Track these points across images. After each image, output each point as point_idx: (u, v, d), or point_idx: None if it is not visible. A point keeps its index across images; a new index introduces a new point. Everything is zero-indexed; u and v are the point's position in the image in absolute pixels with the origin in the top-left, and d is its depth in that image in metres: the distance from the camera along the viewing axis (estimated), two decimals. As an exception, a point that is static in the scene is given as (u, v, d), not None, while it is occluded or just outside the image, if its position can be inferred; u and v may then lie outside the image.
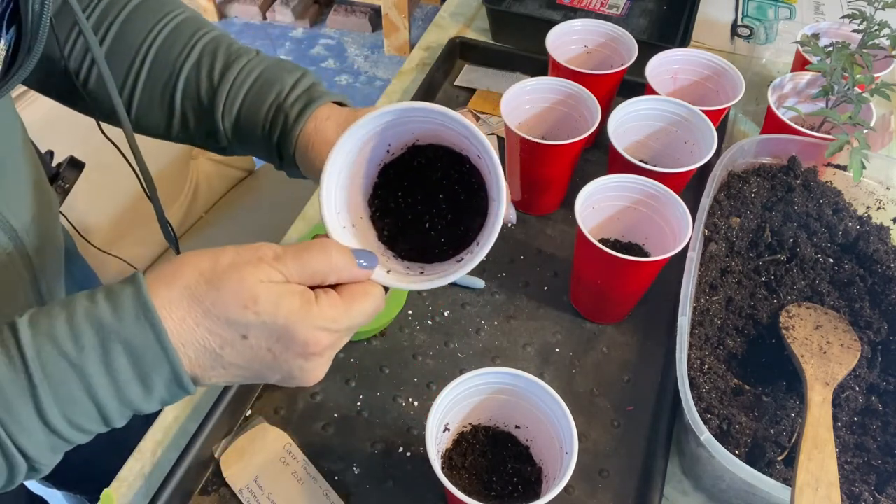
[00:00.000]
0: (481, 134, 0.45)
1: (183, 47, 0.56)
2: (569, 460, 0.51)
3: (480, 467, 0.58)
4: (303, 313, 0.39)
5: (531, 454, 0.58)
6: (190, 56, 0.56)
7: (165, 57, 0.56)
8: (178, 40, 0.56)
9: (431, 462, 0.51)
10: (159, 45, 0.56)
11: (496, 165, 0.45)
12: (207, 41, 0.57)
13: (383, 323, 0.69)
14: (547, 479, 0.56)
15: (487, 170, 0.47)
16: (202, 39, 0.57)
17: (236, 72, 0.55)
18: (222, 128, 0.57)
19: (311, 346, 0.40)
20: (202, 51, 0.56)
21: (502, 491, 0.57)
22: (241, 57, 0.56)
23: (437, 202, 0.49)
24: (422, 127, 0.48)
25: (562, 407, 0.53)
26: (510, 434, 0.59)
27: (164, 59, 0.56)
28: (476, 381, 0.55)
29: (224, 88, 0.55)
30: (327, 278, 0.42)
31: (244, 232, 1.21)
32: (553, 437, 0.55)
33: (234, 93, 0.55)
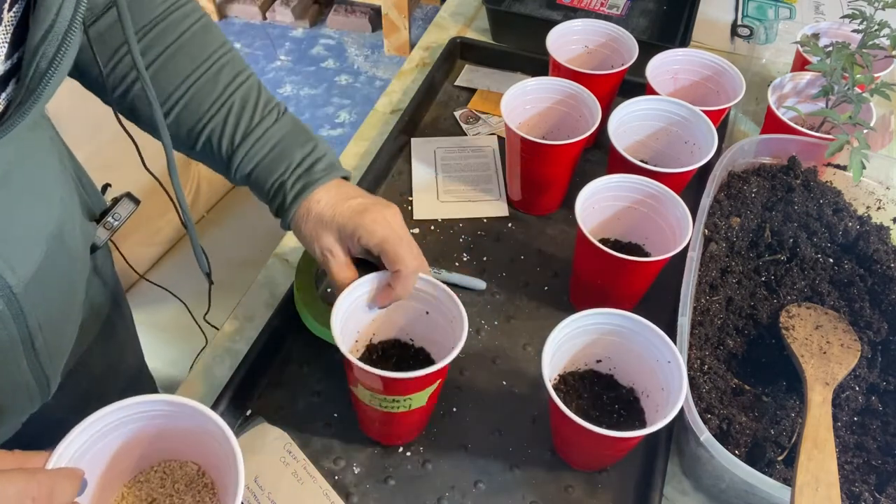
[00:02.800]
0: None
1: (213, 102, 0.59)
2: (672, 369, 0.56)
3: (584, 407, 0.62)
4: None
5: (618, 380, 0.63)
6: (218, 114, 0.59)
7: (196, 108, 0.59)
8: (211, 93, 0.59)
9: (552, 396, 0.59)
10: (192, 95, 0.59)
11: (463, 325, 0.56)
12: (237, 97, 0.60)
13: None
14: (644, 395, 0.61)
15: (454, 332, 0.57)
16: (234, 95, 0.60)
17: (253, 140, 0.60)
18: (233, 179, 0.62)
19: None
20: (229, 110, 0.60)
21: (610, 420, 0.61)
22: (263, 122, 0.60)
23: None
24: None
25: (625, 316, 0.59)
26: (592, 370, 0.63)
27: (195, 110, 0.59)
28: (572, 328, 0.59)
29: (240, 154, 0.60)
30: None
31: (245, 232, 1.21)
32: (634, 350, 0.59)
33: (248, 159, 0.60)
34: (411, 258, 0.57)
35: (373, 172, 0.82)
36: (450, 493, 0.60)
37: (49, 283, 0.52)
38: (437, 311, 0.59)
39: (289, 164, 0.60)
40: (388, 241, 0.57)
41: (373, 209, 0.58)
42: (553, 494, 0.60)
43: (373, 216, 0.58)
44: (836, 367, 0.61)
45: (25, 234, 0.48)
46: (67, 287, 0.57)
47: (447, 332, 0.58)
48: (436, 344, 0.61)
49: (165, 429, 0.48)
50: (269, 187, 0.61)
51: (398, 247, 0.57)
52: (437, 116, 0.94)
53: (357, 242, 0.58)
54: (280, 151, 0.60)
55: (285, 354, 0.68)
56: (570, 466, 0.62)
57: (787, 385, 0.64)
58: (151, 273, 1.14)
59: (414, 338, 0.63)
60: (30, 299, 0.49)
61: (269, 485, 0.59)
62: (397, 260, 0.56)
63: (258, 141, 0.60)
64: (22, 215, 0.48)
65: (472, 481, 0.61)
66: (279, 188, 0.60)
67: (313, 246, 0.60)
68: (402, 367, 0.62)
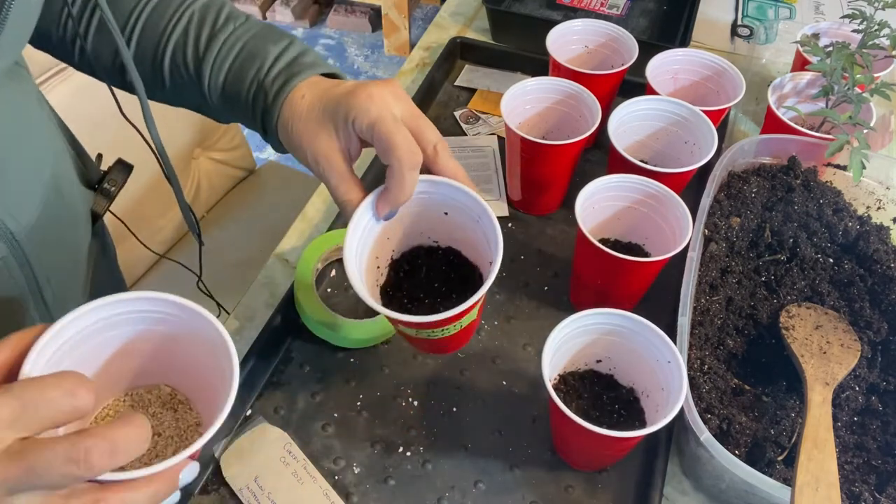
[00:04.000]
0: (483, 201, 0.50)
1: (173, 13, 0.54)
2: (672, 368, 0.55)
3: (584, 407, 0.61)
4: None
5: (618, 380, 0.62)
6: (178, 24, 0.54)
7: (155, 25, 0.54)
8: (168, 7, 0.55)
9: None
10: (149, 13, 0.55)
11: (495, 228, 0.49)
12: (197, 7, 0.55)
13: (390, 331, 0.68)
14: (644, 395, 0.60)
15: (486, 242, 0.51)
16: (193, 5, 0.55)
17: (220, 42, 0.53)
18: (210, 100, 0.55)
19: None
20: (190, 18, 0.54)
21: (609, 420, 0.60)
22: (228, 25, 0.54)
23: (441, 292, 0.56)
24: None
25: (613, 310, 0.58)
26: (592, 369, 0.63)
27: (154, 27, 0.54)
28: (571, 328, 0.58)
29: (209, 60, 0.53)
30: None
31: (245, 232, 1.21)
32: (634, 350, 0.59)
33: (218, 66, 0.53)
34: (407, 148, 0.46)
35: (373, 172, 0.82)
36: (450, 493, 0.60)
37: (51, 234, 0.53)
38: (457, 212, 0.52)
39: (263, 60, 0.53)
40: (381, 123, 0.46)
41: (368, 85, 0.48)
42: (553, 494, 0.60)
43: (368, 92, 0.47)
44: (836, 367, 0.61)
45: (20, 181, 0.49)
46: (71, 244, 0.58)
47: (476, 231, 0.52)
48: (464, 242, 0.55)
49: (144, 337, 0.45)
50: (246, 92, 0.53)
51: (392, 133, 0.45)
52: (437, 116, 0.94)
53: (353, 130, 0.48)
54: (252, 50, 0.53)
55: (285, 354, 0.68)
56: (570, 466, 0.62)
57: (787, 385, 0.64)
58: (151, 273, 1.14)
59: (438, 239, 0.56)
60: (33, 248, 0.50)
61: (269, 485, 0.59)
62: (390, 149, 0.45)
63: (226, 42, 0.53)
64: (13, 161, 0.48)
65: (472, 481, 0.61)
66: (258, 90, 0.52)
67: (305, 154, 0.50)
68: (434, 275, 0.56)
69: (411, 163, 0.46)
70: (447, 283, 0.56)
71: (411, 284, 0.56)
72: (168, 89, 0.57)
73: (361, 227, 0.50)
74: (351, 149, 0.49)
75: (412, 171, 0.47)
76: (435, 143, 0.48)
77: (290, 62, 0.52)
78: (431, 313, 0.47)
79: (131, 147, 0.68)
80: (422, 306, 0.55)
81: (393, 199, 0.47)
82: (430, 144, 0.48)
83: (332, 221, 0.78)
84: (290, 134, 0.51)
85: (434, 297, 0.55)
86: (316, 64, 0.53)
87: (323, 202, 0.83)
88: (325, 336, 0.67)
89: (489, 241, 0.50)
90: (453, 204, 0.52)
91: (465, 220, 0.52)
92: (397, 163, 0.46)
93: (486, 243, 0.51)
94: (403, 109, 0.48)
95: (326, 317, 0.66)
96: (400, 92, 0.49)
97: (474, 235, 0.52)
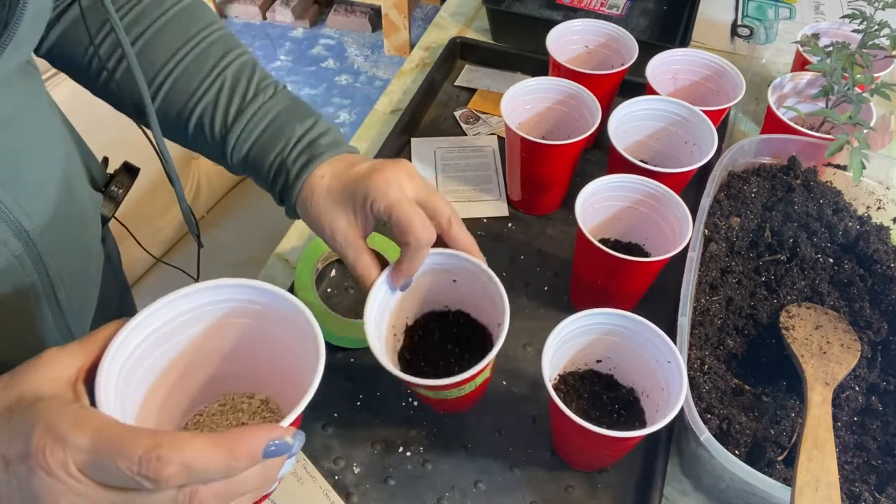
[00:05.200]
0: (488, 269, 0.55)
1: (205, 77, 0.56)
2: (672, 368, 0.55)
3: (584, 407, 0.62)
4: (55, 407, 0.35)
5: (618, 380, 0.62)
6: (210, 90, 0.56)
7: (186, 85, 0.56)
8: (201, 69, 0.56)
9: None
10: (181, 72, 0.56)
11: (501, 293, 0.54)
12: (229, 74, 0.56)
13: None
14: (644, 395, 0.61)
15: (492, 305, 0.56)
16: (225, 71, 0.56)
17: (248, 116, 0.55)
18: (230, 163, 0.57)
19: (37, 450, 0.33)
20: (221, 86, 0.56)
21: (609, 420, 0.61)
22: (258, 98, 0.56)
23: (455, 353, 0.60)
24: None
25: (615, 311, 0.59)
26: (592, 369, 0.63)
27: (185, 88, 0.56)
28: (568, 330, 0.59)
29: (235, 131, 0.55)
30: None
31: (245, 232, 1.21)
32: (634, 350, 0.59)
33: (244, 138, 0.56)
34: (422, 230, 0.50)
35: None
36: (450, 493, 0.60)
37: (64, 233, 0.53)
38: (465, 279, 0.56)
39: (288, 139, 0.55)
40: (398, 206, 0.50)
41: (384, 168, 0.51)
42: (553, 494, 0.60)
43: (385, 175, 0.51)
44: (836, 367, 0.61)
45: (34, 180, 0.49)
46: (83, 244, 0.58)
47: (482, 296, 0.56)
48: (473, 306, 0.60)
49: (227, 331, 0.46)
50: (268, 167, 0.56)
51: (410, 216, 0.50)
52: (437, 116, 0.94)
53: (371, 211, 0.51)
54: (279, 127, 0.56)
55: (285, 354, 0.68)
56: (570, 466, 0.62)
57: (787, 385, 0.64)
58: (150, 274, 1.14)
59: (448, 304, 0.61)
60: (47, 247, 0.50)
61: (269, 485, 0.59)
62: (408, 231, 0.50)
63: (254, 116, 0.56)
64: (28, 160, 0.49)
65: (472, 481, 0.61)
66: (280, 167, 0.55)
67: (324, 230, 0.54)
68: (447, 338, 0.61)
69: (426, 242, 0.51)
70: (459, 345, 0.60)
71: (426, 348, 0.60)
72: (189, 141, 0.59)
73: (379, 299, 0.54)
74: (367, 227, 0.53)
75: (426, 248, 0.52)
76: (448, 216, 0.53)
77: (313, 142, 0.55)
78: (447, 375, 0.51)
79: (131, 147, 0.68)
80: (437, 368, 0.59)
81: (407, 272, 0.53)
82: (444, 218, 0.53)
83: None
84: (307, 209, 0.54)
85: (448, 358, 0.60)
86: (336, 143, 0.56)
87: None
88: (324, 336, 0.67)
89: (496, 304, 0.55)
90: (462, 273, 0.56)
91: (474, 287, 0.56)
92: (415, 242, 0.50)
93: (494, 306, 0.55)
94: (417, 188, 0.52)
95: (326, 317, 0.66)
96: (413, 171, 0.53)
97: (482, 300, 0.57)
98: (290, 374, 0.46)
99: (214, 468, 0.34)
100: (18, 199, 0.47)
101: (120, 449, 0.33)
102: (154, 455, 0.32)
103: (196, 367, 0.47)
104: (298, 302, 0.44)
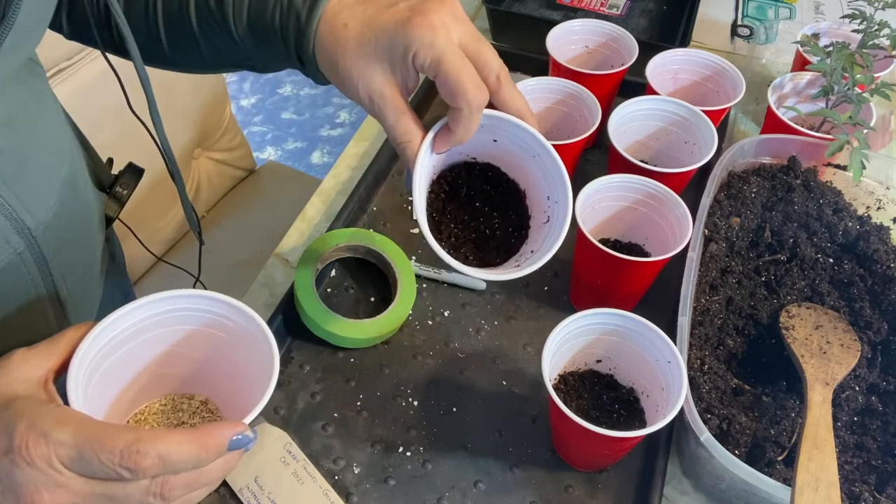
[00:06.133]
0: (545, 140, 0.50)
1: None
2: (672, 368, 0.55)
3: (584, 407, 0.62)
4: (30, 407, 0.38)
5: (618, 380, 0.62)
6: None
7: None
8: None
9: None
10: None
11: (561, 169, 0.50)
12: None
13: (390, 331, 0.68)
14: (644, 395, 0.60)
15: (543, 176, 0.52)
16: None
17: None
18: (241, 45, 0.51)
19: (20, 445, 0.36)
20: None
21: (609, 420, 0.61)
22: None
23: (485, 213, 0.55)
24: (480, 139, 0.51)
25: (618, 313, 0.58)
26: (592, 369, 0.63)
27: None
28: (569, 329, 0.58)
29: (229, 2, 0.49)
30: None
31: (245, 232, 1.21)
32: (634, 350, 0.58)
33: (240, 2, 0.49)
34: (474, 90, 0.44)
35: (373, 172, 0.82)
36: (450, 493, 0.60)
37: (67, 231, 0.53)
38: (507, 143, 0.51)
39: None
40: (447, 62, 0.43)
41: (426, 10, 0.43)
42: (553, 494, 0.60)
43: (429, 21, 0.43)
44: (836, 367, 0.61)
45: (37, 178, 0.49)
46: (86, 243, 0.58)
47: (530, 164, 0.51)
48: (508, 164, 0.54)
49: (188, 338, 0.49)
50: (271, 19, 0.47)
51: (460, 73, 0.43)
52: (437, 116, 0.93)
53: (413, 65, 0.44)
54: None
55: (285, 354, 0.68)
56: (570, 466, 0.62)
57: (787, 385, 0.64)
58: (151, 273, 1.14)
59: (476, 156, 0.54)
60: (49, 245, 0.51)
61: (269, 485, 0.59)
62: (458, 92, 0.43)
63: None
64: (31, 158, 0.49)
65: (472, 481, 0.61)
66: (286, 13, 0.47)
67: (357, 91, 0.46)
68: (476, 195, 0.55)
69: (479, 105, 0.44)
70: (488, 203, 0.55)
71: (454, 207, 0.54)
72: (206, 50, 0.54)
73: (425, 170, 0.47)
74: (409, 83, 0.46)
75: (479, 112, 0.45)
76: (497, 72, 0.46)
77: None
78: (478, 237, 0.52)
79: (133, 145, 0.68)
80: (468, 229, 0.54)
81: (457, 140, 0.46)
82: (493, 74, 0.46)
83: (332, 221, 0.78)
84: (336, 68, 0.46)
85: (477, 217, 0.54)
86: None
87: (323, 202, 0.83)
88: (325, 336, 0.67)
89: (550, 176, 0.49)
90: (510, 138, 0.50)
91: (522, 154, 0.51)
92: (466, 107, 0.44)
93: (546, 178, 0.50)
94: (464, 35, 0.45)
95: (326, 317, 0.66)
96: (458, 11, 0.45)
97: (527, 165, 0.51)
98: (235, 378, 0.49)
99: (187, 459, 0.38)
100: (21, 196, 0.47)
101: (102, 443, 0.36)
102: (134, 448, 0.36)
103: (145, 369, 0.50)
104: (248, 309, 0.47)
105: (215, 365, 0.51)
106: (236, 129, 1.26)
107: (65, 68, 0.93)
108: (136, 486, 0.38)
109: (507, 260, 0.55)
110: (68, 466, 0.37)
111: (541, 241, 0.53)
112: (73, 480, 0.37)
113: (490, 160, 0.54)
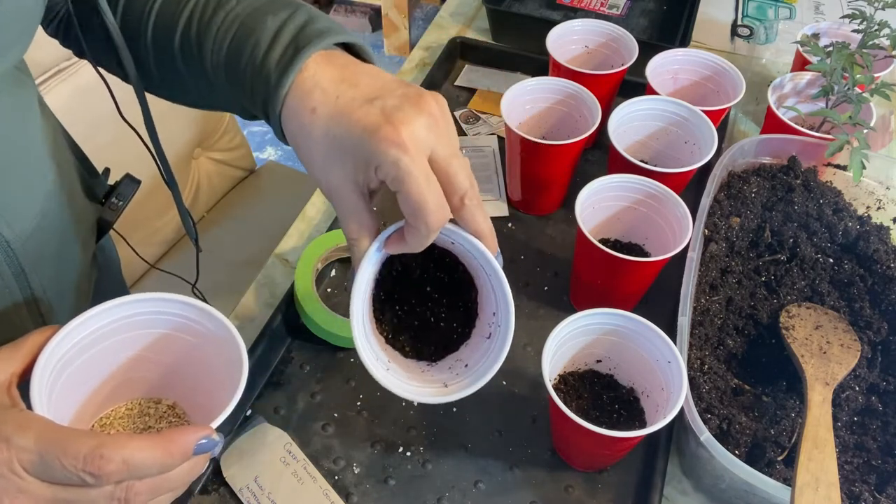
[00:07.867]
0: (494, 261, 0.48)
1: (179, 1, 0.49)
2: (672, 368, 0.55)
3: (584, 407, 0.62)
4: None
5: (618, 380, 0.62)
6: (185, 8, 0.48)
7: (166, 15, 0.49)
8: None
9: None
10: (161, 4, 0.50)
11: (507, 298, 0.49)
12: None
13: None
14: (644, 395, 0.60)
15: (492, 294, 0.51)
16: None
17: (218, 23, 0.46)
18: (214, 92, 0.50)
19: None
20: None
21: (609, 420, 0.60)
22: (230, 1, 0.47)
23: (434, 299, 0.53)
24: None
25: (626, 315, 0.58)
26: (592, 369, 0.63)
27: (166, 19, 0.49)
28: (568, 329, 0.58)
29: (208, 45, 0.47)
30: None
31: (245, 232, 1.21)
32: (634, 350, 0.58)
33: (218, 48, 0.46)
34: (435, 211, 0.41)
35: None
36: (450, 493, 0.60)
37: (49, 245, 0.52)
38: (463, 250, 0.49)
39: (256, 44, 0.45)
40: (410, 181, 0.40)
41: (398, 123, 0.41)
42: (553, 494, 0.60)
43: (398, 135, 0.40)
44: (836, 367, 0.61)
45: (19, 189, 0.49)
46: (71, 257, 0.57)
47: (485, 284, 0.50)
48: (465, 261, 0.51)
49: (157, 343, 0.48)
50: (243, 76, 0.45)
51: (423, 194, 0.41)
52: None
53: (376, 174, 0.42)
54: (249, 24, 0.46)
55: (285, 354, 0.68)
56: (570, 466, 0.62)
57: (787, 385, 0.64)
58: (147, 277, 1.14)
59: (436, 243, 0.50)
60: (29, 258, 0.50)
61: (269, 485, 0.59)
62: (418, 212, 0.41)
63: (223, 24, 0.46)
64: (13, 169, 0.48)
65: (472, 481, 0.61)
66: (257, 72, 0.44)
67: (316, 176, 0.45)
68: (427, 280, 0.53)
69: (437, 226, 0.42)
70: (439, 290, 0.53)
71: (404, 289, 0.53)
72: (195, 87, 0.52)
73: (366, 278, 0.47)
74: (371, 184, 0.44)
75: (437, 231, 0.43)
76: (463, 193, 0.43)
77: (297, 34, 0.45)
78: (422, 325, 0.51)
79: (129, 149, 0.68)
80: (412, 315, 0.53)
81: (409, 249, 0.44)
82: (458, 195, 0.43)
83: (332, 221, 0.78)
84: (298, 148, 0.45)
85: (425, 302, 0.53)
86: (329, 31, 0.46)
87: (323, 202, 0.83)
88: (325, 336, 0.67)
89: (497, 297, 0.49)
90: (466, 253, 0.49)
91: (475, 266, 0.50)
92: (424, 227, 0.42)
93: (493, 296, 0.50)
94: (438, 146, 0.42)
95: (326, 317, 0.66)
96: (434, 120, 0.43)
97: (480, 278, 0.51)
98: (205, 382, 0.49)
99: (152, 464, 0.37)
100: (2, 208, 0.47)
101: (65, 449, 0.36)
102: (98, 454, 0.35)
103: (112, 373, 0.49)
104: (217, 313, 0.47)
105: (184, 369, 0.50)
106: (236, 128, 1.26)
107: (64, 68, 0.93)
108: (99, 492, 0.37)
109: (442, 357, 0.53)
110: (30, 472, 0.36)
111: (478, 357, 0.51)
112: (35, 486, 0.36)
113: (449, 248, 0.51)
